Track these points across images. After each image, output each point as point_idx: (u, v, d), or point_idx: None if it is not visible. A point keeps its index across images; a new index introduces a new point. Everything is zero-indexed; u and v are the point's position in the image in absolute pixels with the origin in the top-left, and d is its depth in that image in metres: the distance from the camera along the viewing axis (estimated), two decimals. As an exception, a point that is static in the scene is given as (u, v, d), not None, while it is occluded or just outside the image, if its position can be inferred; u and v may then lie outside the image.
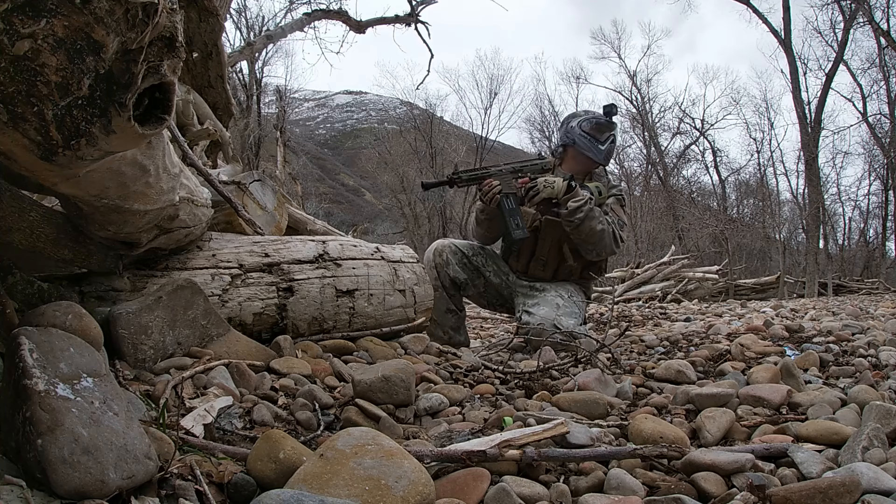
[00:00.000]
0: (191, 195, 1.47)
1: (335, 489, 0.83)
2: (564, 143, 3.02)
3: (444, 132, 27.59)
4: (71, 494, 0.74)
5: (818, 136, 16.05)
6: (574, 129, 2.96)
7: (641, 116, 26.04)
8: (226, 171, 2.44)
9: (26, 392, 0.79)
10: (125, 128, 0.79)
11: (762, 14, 16.77)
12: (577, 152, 2.97)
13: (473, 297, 3.10)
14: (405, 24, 10.79)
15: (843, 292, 12.40)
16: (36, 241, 1.19)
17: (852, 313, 4.03)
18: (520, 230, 2.71)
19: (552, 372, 1.95)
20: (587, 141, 2.93)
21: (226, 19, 3.54)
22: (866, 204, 22.97)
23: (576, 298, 2.88)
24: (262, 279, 1.81)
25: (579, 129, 2.94)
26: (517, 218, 2.72)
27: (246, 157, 18.66)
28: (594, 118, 2.96)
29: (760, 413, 1.43)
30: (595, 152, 2.94)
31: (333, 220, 23.78)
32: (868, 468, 0.97)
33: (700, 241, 20.73)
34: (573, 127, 2.97)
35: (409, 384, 1.42)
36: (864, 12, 15.58)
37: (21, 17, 0.63)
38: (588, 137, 2.93)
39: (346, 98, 62.72)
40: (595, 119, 2.95)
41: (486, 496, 0.95)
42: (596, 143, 2.93)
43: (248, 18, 19.96)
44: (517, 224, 2.71)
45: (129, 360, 1.31)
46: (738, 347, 2.13)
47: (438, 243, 3.04)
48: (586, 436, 1.20)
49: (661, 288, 10.08)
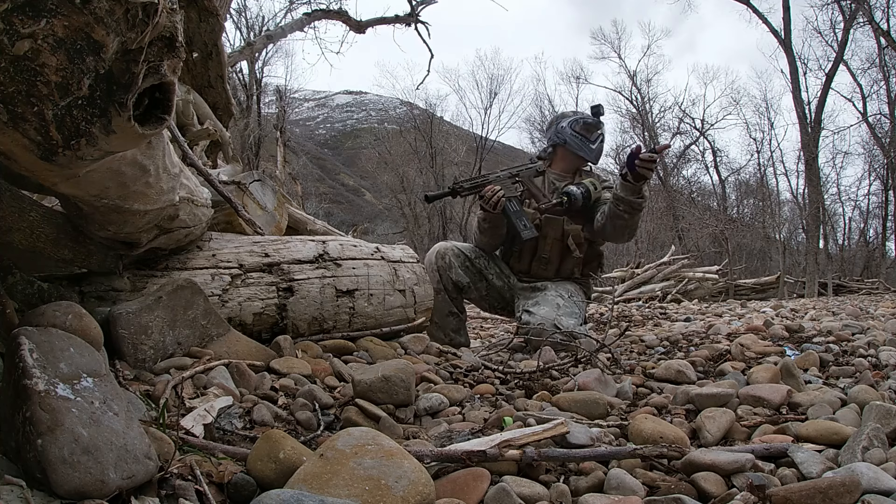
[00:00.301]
0: (191, 195, 1.47)
1: (335, 489, 0.83)
2: (555, 143, 3.07)
3: (444, 132, 27.61)
4: (71, 494, 0.74)
5: (818, 136, 16.06)
6: (565, 129, 3.01)
7: (641, 116, 26.04)
8: (226, 171, 2.44)
9: (26, 392, 0.79)
10: (125, 128, 0.79)
11: (762, 14, 16.79)
12: (568, 152, 3.03)
13: (475, 301, 3.10)
14: (405, 24, 10.79)
15: (843, 292, 12.40)
16: (36, 241, 1.19)
17: (852, 313, 4.03)
18: (529, 230, 2.76)
19: (552, 372, 1.95)
20: (579, 140, 2.99)
21: (226, 19, 3.54)
22: (866, 204, 23.02)
23: (576, 298, 2.88)
24: (262, 279, 1.81)
25: (570, 129, 2.99)
26: (524, 219, 2.76)
27: (246, 157, 18.66)
28: (583, 118, 3.02)
29: (760, 413, 1.43)
30: (587, 151, 3.01)
31: (333, 220, 23.79)
32: (868, 468, 0.97)
33: (700, 241, 20.74)
34: (563, 127, 3.02)
35: (409, 384, 1.42)
36: (864, 12, 15.58)
37: (21, 17, 0.63)
38: (579, 137, 2.99)
39: (346, 98, 62.74)
40: (584, 119, 3.01)
41: (486, 496, 0.95)
42: (587, 143, 3.00)
43: (248, 18, 19.98)
44: (525, 224, 2.75)
45: (129, 360, 1.31)
46: (738, 347, 2.13)
47: (440, 246, 3.04)
48: (586, 436, 1.20)
49: (661, 288, 10.08)
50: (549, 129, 3.16)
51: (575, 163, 3.06)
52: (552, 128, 3.10)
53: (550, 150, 3.11)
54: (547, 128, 3.19)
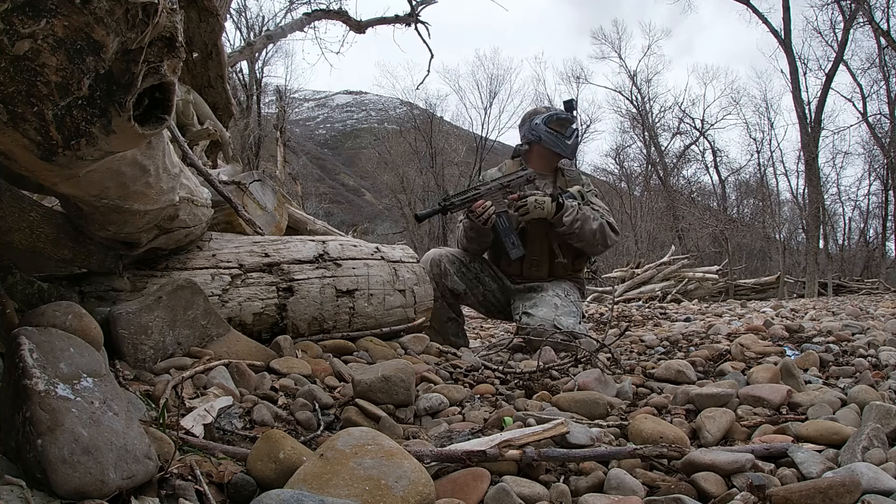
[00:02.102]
0: (191, 195, 1.47)
1: (335, 489, 0.83)
2: (530, 141, 3.06)
3: (444, 132, 27.62)
4: (71, 494, 0.74)
5: (818, 136, 16.06)
6: (539, 126, 2.99)
7: (641, 116, 26.05)
8: (226, 171, 2.44)
9: (26, 392, 0.79)
10: (125, 128, 0.79)
11: (762, 14, 16.81)
12: (543, 149, 3.02)
13: (472, 305, 3.10)
14: (405, 24, 10.78)
15: (843, 292, 12.40)
16: (36, 241, 1.19)
17: (852, 313, 4.03)
18: (517, 249, 2.78)
19: (552, 372, 1.95)
20: (553, 137, 2.97)
21: (226, 19, 3.54)
22: (866, 204, 23.02)
23: (573, 297, 2.88)
24: (262, 279, 1.81)
25: (544, 126, 2.98)
26: (512, 237, 2.78)
27: (246, 157, 18.65)
28: (556, 114, 3.01)
29: (760, 413, 1.43)
30: (562, 147, 3.00)
31: (333, 220, 23.77)
32: (868, 468, 0.97)
33: (700, 241, 20.73)
34: (538, 124, 3.00)
35: (409, 384, 1.42)
36: (864, 12, 15.58)
37: (21, 17, 0.63)
38: (553, 133, 2.98)
39: (346, 98, 62.73)
40: (558, 115, 3.00)
41: (486, 496, 0.95)
42: (562, 138, 2.98)
43: (248, 18, 20.00)
44: (513, 243, 2.78)
45: (129, 360, 1.30)
46: (738, 347, 2.13)
47: (433, 253, 3.03)
48: (586, 436, 1.19)
49: (661, 288, 10.09)
50: (522, 127, 3.13)
51: (551, 159, 3.06)
52: (526, 125, 3.09)
53: (526, 148, 3.10)
54: (521, 125, 3.17)
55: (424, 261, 2.99)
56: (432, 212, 2.85)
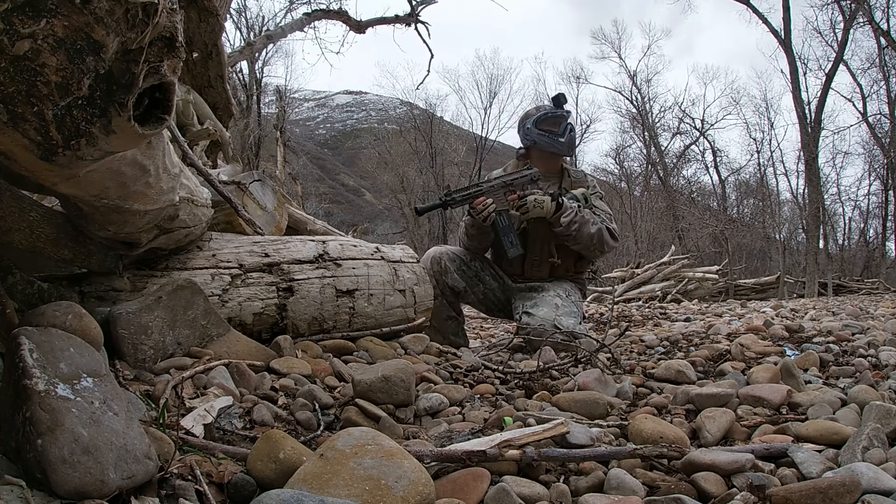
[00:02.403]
0: (191, 195, 1.47)
1: (335, 489, 0.83)
2: (527, 146, 3.05)
3: (444, 132, 27.63)
4: (71, 494, 0.74)
5: (818, 136, 16.06)
6: (531, 130, 2.97)
7: (641, 116, 26.05)
8: (226, 171, 2.44)
9: (26, 392, 0.79)
10: (125, 128, 0.79)
11: (762, 14, 16.81)
12: (540, 152, 3.00)
13: (473, 304, 3.10)
14: (405, 24, 10.78)
15: (843, 292, 12.41)
16: (36, 241, 1.19)
17: (852, 313, 4.03)
18: (514, 248, 2.77)
19: (552, 372, 1.95)
20: (546, 138, 2.95)
21: (226, 19, 3.54)
22: (866, 204, 23.03)
23: (573, 297, 2.88)
24: (262, 279, 1.81)
25: (536, 128, 2.96)
26: (511, 236, 2.76)
27: (246, 157, 18.65)
28: (546, 113, 2.98)
29: (760, 413, 1.43)
30: (557, 146, 2.97)
31: (333, 220, 23.77)
32: (868, 468, 0.97)
33: (700, 241, 20.73)
34: (529, 128, 2.98)
35: (409, 384, 1.42)
36: (864, 12, 15.58)
37: (21, 17, 0.63)
38: (546, 134, 2.95)
39: (346, 98, 62.74)
40: (547, 114, 2.97)
41: (486, 496, 0.95)
42: (555, 138, 2.96)
43: (248, 18, 20.01)
44: (511, 242, 2.76)
45: (129, 360, 1.30)
46: (738, 347, 2.13)
47: (434, 251, 3.02)
48: (586, 436, 1.19)
49: (661, 288, 10.09)
50: (519, 131, 3.13)
51: (552, 160, 3.03)
52: (521, 130, 3.08)
53: (524, 153, 3.09)
54: (518, 129, 3.16)
55: (425, 258, 2.98)
56: (433, 206, 2.84)
